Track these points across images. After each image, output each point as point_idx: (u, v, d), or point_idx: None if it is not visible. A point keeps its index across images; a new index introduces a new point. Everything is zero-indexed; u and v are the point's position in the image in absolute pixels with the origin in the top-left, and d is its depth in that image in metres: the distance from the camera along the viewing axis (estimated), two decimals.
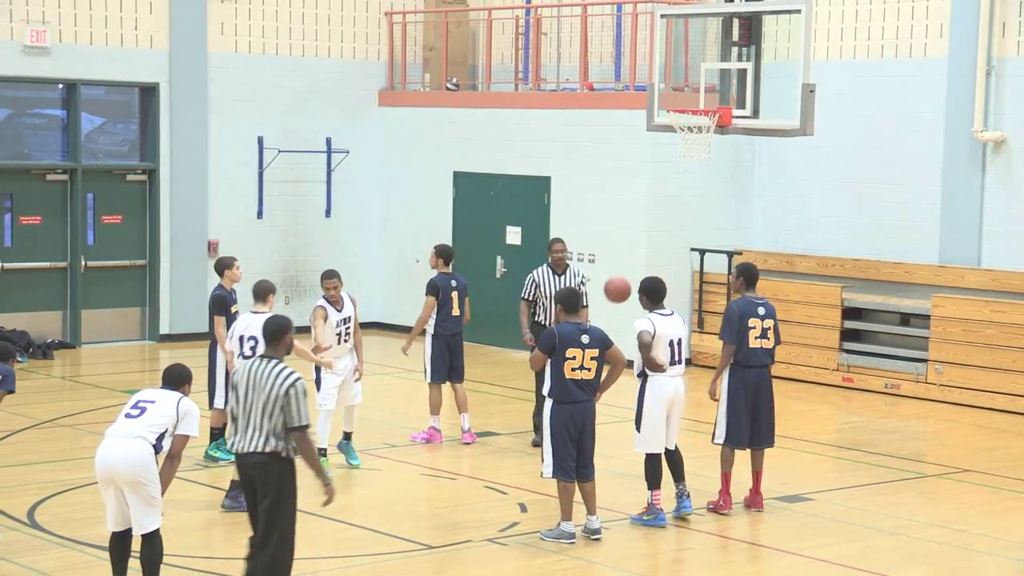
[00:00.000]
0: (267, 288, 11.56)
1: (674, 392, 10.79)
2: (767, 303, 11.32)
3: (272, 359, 8.31)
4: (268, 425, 8.12)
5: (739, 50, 13.62)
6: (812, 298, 17.14)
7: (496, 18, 20.13)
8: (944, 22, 16.87)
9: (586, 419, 10.15)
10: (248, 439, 8.20)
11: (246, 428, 8.21)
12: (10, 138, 18.57)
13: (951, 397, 15.97)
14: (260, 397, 8.15)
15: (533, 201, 18.80)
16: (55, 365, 17.66)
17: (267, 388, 8.15)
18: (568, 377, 10.04)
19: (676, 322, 10.86)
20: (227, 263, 12.57)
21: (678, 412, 10.91)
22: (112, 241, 18.97)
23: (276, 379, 8.17)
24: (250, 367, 8.29)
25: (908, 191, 17.25)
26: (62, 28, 18.24)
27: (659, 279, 11.03)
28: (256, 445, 8.16)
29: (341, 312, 12.23)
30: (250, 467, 8.23)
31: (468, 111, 19.67)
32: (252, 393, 8.19)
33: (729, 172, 18.41)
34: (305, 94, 20.01)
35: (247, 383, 8.24)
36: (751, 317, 11.08)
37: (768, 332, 11.14)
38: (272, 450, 8.14)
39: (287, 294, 19.67)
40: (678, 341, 10.81)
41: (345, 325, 12.18)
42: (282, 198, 19.95)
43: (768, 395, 11.23)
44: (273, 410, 8.11)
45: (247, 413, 8.21)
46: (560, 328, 10.19)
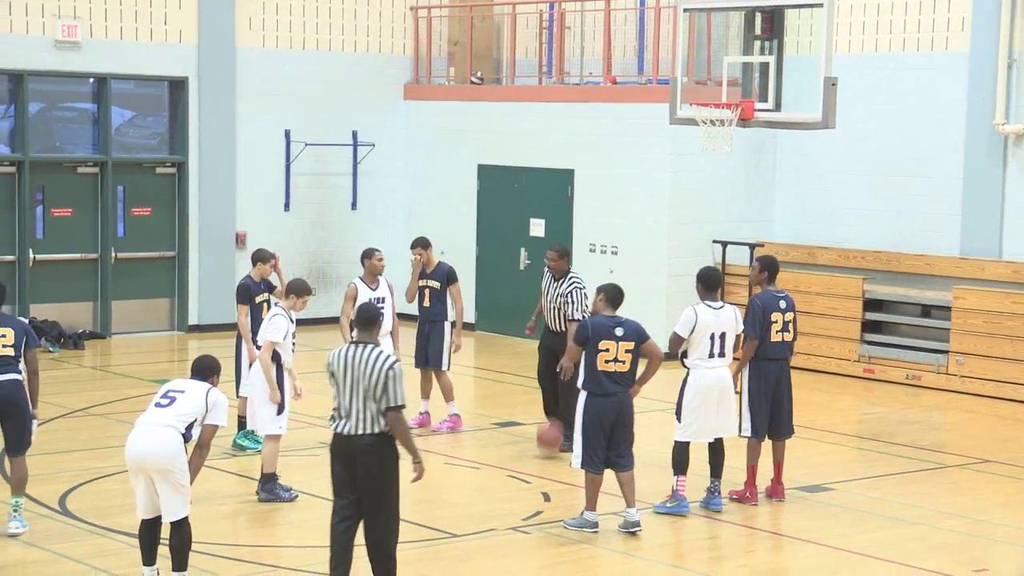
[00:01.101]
0: (304, 288, 11.44)
1: (716, 381, 10.81)
2: (788, 296, 11.40)
3: (367, 344, 8.48)
4: (373, 408, 8.33)
5: (761, 43, 13.69)
6: (834, 290, 17.22)
7: (520, 12, 20.25)
8: (966, 15, 16.92)
9: (620, 411, 10.21)
10: (354, 423, 8.38)
11: (350, 412, 8.39)
12: (42, 132, 18.80)
13: (972, 388, 16.04)
14: (362, 382, 8.35)
15: (557, 194, 18.93)
16: (86, 355, 17.90)
17: (368, 372, 8.34)
18: (600, 369, 10.11)
19: (725, 315, 10.87)
20: (262, 257, 12.68)
21: (727, 402, 10.94)
22: (142, 233, 19.20)
23: (376, 363, 8.36)
24: (346, 353, 8.45)
25: (929, 183, 17.30)
26: (93, 23, 18.46)
27: (715, 268, 11.16)
28: (364, 428, 8.35)
29: (375, 291, 12.46)
30: (357, 449, 8.37)
31: (492, 105, 19.79)
32: (352, 378, 8.38)
33: (751, 165, 18.50)
34: (331, 88, 20.19)
35: (344, 368, 8.41)
36: (774, 311, 11.16)
37: (789, 325, 11.21)
38: (380, 431, 8.36)
39: (314, 285, 19.82)
40: (721, 335, 10.83)
41: (379, 304, 12.34)
42: (309, 191, 20.14)
43: (787, 387, 11.32)
44: (376, 393, 8.32)
45: (349, 398, 8.38)
46: (593, 320, 10.28)
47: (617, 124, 18.22)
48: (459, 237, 19.88)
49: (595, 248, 18.45)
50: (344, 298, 13.05)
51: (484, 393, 16.24)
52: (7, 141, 18.48)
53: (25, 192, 18.29)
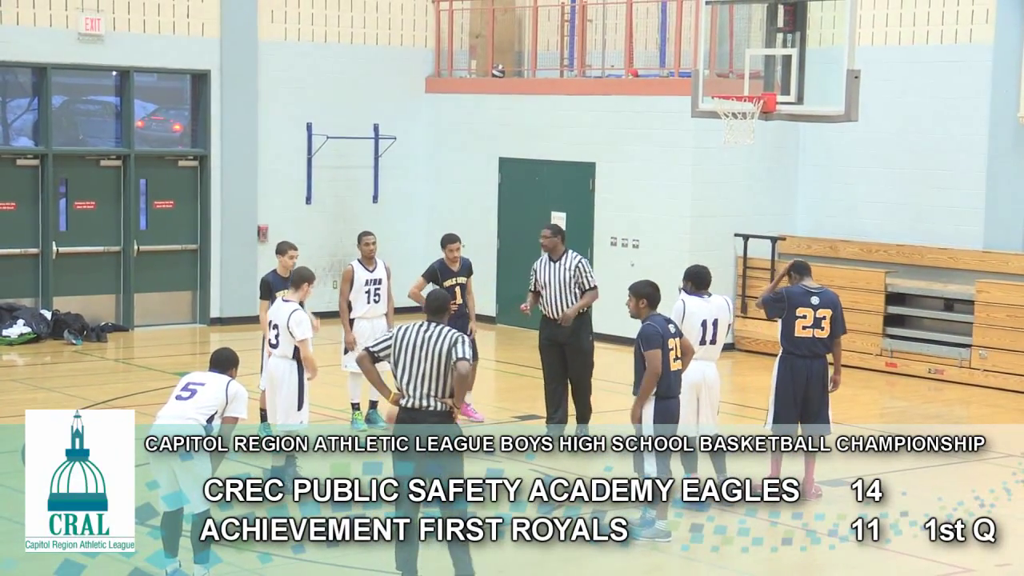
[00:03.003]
0: (302, 276, 11.43)
1: (700, 378, 10.79)
2: (825, 292, 11.27)
3: (439, 325, 8.73)
4: (443, 383, 8.59)
5: (784, 36, 13.66)
6: (856, 283, 17.17)
7: (542, 5, 20.23)
8: (990, 8, 16.84)
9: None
10: (420, 397, 8.60)
11: (417, 382, 8.60)
12: (65, 125, 18.89)
13: (995, 382, 15.98)
14: (435, 356, 8.60)
15: (578, 187, 18.92)
16: (109, 348, 17.98)
17: (438, 348, 8.59)
18: (673, 369, 9.92)
19: (716, 303, 10.91)
20: (280, 248, 12.72)
21: (708, 398, 10.90)
22: (164, 226, 19.27)
23: (443, 338, 8.64)
24: (416, 329, 8.65)
25: (953, 177, 17.24)
26: (116, 16, 18.53)
27: (704, 267, 11.13)
28: (432, 404, 8.58)
29: (372, 273, 12.62)
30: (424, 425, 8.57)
31: (514, 97, 19.79)
32: (419, 351, 8.61)
33: (773, 158, 18.45)
34: (353, 81, 20.22)
35: (413, 342, 8.63)
36: (800, 306, 11.07)
37: (823, 322, 11.06)
38: (446, 408, 8.61)
39: (334, 278, 19.90)
40: (714, 321, 10.86)
41: (375, 286, 12.56)
42: (330, 184, 20.18)
43: (819, 384, 11.18)
44: (446, 368, 8.57)
45: (415, 369, 8.60)
46: (656, 320, 10.01)
47: (639, 117, 18.20)
48: (480, 230, 19.89)
49: (616, 241, 18.44)
50: (341, 279, 13.21)
51: (505, 387, 16.25)
52: (31, 134, 18.58)
53: (48, 185, 18.37)
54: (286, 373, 11.09)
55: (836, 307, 11.21)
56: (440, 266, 13.37)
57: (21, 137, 18.71)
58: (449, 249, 13.34)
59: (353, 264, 13.14)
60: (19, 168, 18.40)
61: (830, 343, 11.22)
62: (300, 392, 11.06)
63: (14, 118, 18.77)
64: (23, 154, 18.42)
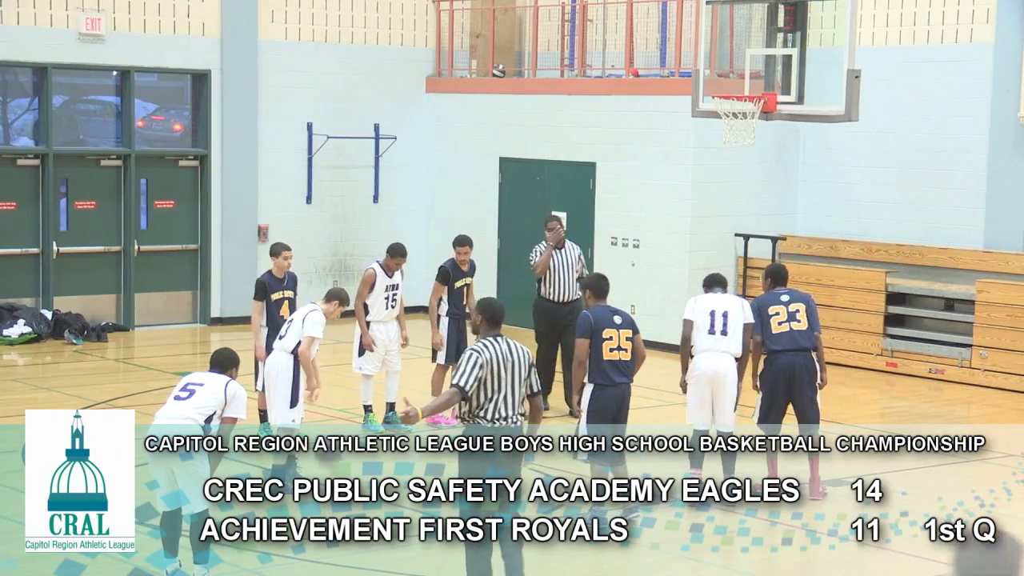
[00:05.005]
0: (338, 295, 11.58)
1: (712, 372, 10.88)
2: (794, 291, 11.47)
3: (505, 338, 8.88)
4: (521, 394, 8.84)
5: (784, 36, 13.68)
6: (856, 283, 17.18)
7: (542, 5, 20.24)
8: (990, 7, 16.84)
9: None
10: (508, 408, 8.78)
11: (507, 399, 8.78)
12: (65, 124, 18.90)
13: (995, 382, 15.99)
14: (518, 372, 8.78)
15: (578, 187, 18.93)
16: (109, 347, 17.99)
17: (520, 363, 8.77)
18: (606, 359, 10.17)
19: (728, 298, 11.13)
20: (274, 250, 12.75)
21: (724, 393, 10.96)
22: (164, 226, 19.27)
23: (523, 354, 8.82)
24: (494, 350, 8.77)
25: (953, 176, 17.24)
26: (116, 16, 18.53)
27: (717, 273, 11.42)
28: (518, 419, 8.84)
29: (392, 278, 12.70)
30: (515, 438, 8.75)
31: (514, 97, 19.80)
32: (507, 370, 8.77)
33: (774, 158, 18.46)
34: (353, 81, 20.23)
35: (500, 361, 8.77)
36: (772, 305, 11.23)
37: (797, 314, 11.21)
38: (521, 413, 8.90)
39: (335, 278, 19.92)
40: (723, 313, 10.98)
41: (393, 291, 12.67)
42: (331, 184, 20.18)
43: (806, 379, 11.25)
44: (525, 380, 8.82)
45: (506, 387, 8.77)
46: (594, 311, 10.30)
47: (639, 117, 18.21)
48: (481, 230, 19.86)
49: (617, 241, 18.45)
50: (361, 282, 13.12)
51: None
52: (31, 134, 18.59)
53: (49, 185, 18.38)
54: (284, 367, 11.08)
55: (808, 302, 11.37)
56: (451, 266, 13.47)
57: (22, 137, 18.73)
58: (460, 251, 13.41)
59: (375, 267, 13.06)
60: (20, 168, 18.41)
61: (810, 336, 11.28)
62: (295, 389, 11.06)
63: (15, 118, 18.78)
64: (24, 154, 18.43)
